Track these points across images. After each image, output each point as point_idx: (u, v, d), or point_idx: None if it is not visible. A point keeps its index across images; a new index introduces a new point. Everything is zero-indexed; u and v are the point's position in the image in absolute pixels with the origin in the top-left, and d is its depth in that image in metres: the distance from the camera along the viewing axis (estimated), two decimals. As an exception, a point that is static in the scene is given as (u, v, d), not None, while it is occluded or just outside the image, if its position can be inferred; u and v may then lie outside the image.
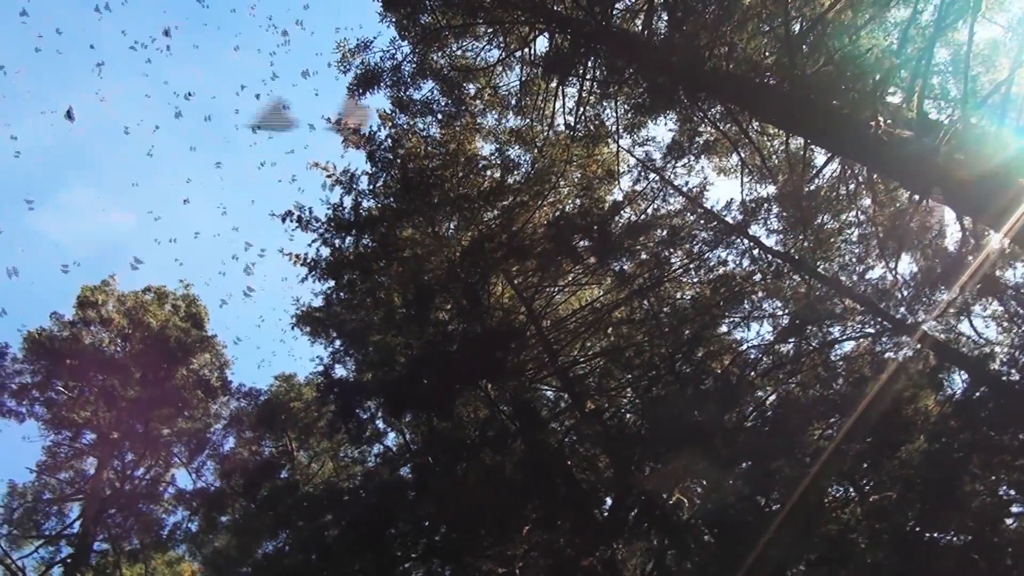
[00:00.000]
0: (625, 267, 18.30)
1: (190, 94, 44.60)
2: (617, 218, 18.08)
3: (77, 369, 30.02)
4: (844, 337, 17.30)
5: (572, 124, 18.37)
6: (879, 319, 16.77)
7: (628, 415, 17.97)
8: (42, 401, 30.24)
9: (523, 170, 19.10)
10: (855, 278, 17.77)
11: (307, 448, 29.05)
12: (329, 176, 19.63)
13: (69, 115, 25.19)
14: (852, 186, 17.19)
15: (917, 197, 14.84)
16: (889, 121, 11.88)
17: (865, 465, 15.25)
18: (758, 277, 17.73)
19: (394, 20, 17.45)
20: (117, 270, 56.53)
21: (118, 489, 30.54)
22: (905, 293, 17.09)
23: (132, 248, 64.27)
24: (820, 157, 16.82)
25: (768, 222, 17.76)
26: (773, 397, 16.75)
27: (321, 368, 20.99)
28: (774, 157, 17.99)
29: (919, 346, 16.36)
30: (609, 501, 16.48)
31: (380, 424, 20.84)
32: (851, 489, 15.94)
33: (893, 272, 16.99)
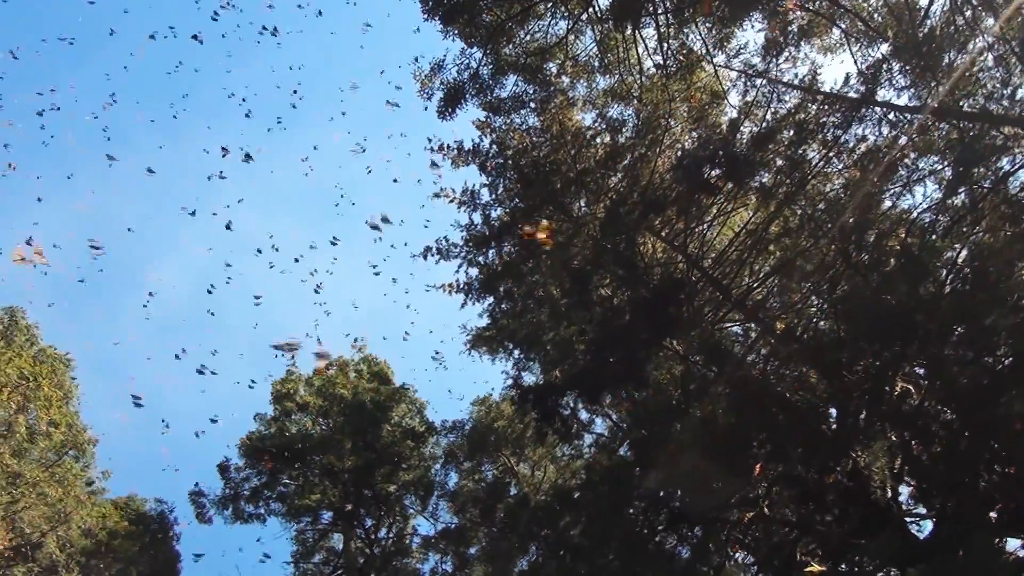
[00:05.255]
0: (764, 180, 17.70)
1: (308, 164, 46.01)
2: (738, 136, 17.50)
3: (295, 458, 31.44)
4: (1017, 167, 16.16)
5: (661, 63, 17.96)
6: (1048, 134, 15.60)
7: (821, 322, 17.37)
8: (275, 497, 31.81)
9: (630, 124, 18.80)
10: (1006, 103, 16.58)
11: (524, 460, 29.50)
12: (452, 201, 19.87)
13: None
14: (968, 12, 16.06)
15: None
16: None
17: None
18: (903, 140, 16.80)
19: (457, 31, 17.52)
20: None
21: (369, 555, 31.76)
22: (1066, 98, 15.84)
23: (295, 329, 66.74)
24: (924, -3, 15.83)
25: (893, 81, 16.77)
26: (964, 253, 15.80)
27: (510, 381, 21.30)
28: (876, 16, 17.04)
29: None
30: (833, 412, 15.97)
31: (583, 415, 20.98)
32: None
33: (1045, 81, 15.77)
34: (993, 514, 13.45)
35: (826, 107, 17.32)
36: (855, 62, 17.15)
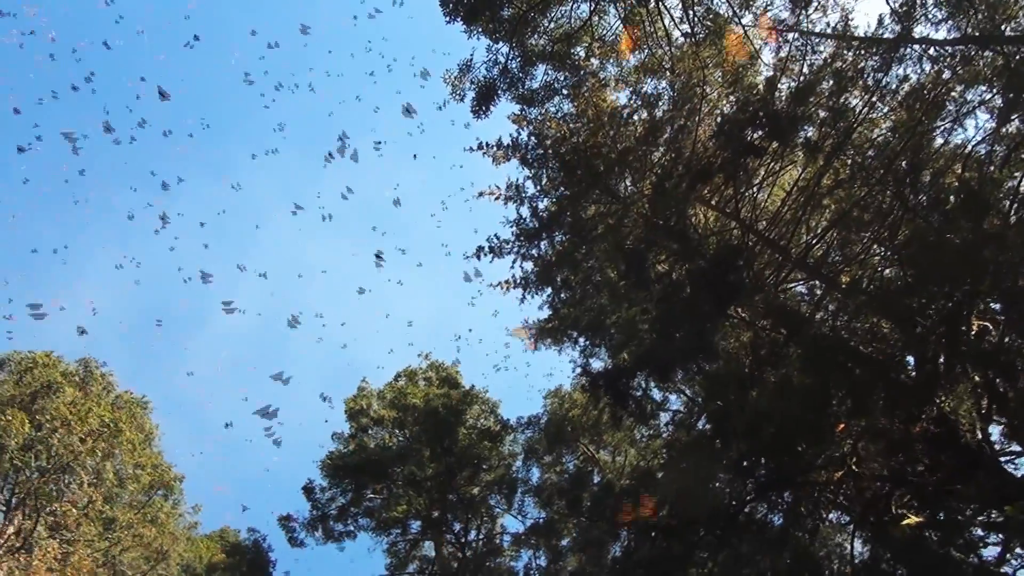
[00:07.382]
0: (809, 134, 17.37)
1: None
2: (776, 94, 17.21)
3: (377, 472, 31.72)
4: (1070, 85, 15.64)
5: (689, 31, 17.76)
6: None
7: (886, 271, 17.01)
8: (362, 513, 32.14)
9: (666, 97, 18.60)
10: (1051, 22, 16.06)
11: (604, 446, 29.42)
12: (498, 198, 19.86)
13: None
14: (998, -68, 15.60)
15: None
16: None
17: None
18: (947, 74, 16.36)
19: (481, 28, 17.52)
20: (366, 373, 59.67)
21: (462, 558, 31.95)
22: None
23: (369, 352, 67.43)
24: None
25: (929, 15, 16.39)
26: (1026, 180, 15.34)
27: (579, 369, 21.24)
28: (903, -50, 16.65)
29: None
30: (910, 360, 15.63)
31: (656, 394, 20.82)
32: None
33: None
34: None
35: (863, 52, 16.96)
36: (887, 1, 16.79)
